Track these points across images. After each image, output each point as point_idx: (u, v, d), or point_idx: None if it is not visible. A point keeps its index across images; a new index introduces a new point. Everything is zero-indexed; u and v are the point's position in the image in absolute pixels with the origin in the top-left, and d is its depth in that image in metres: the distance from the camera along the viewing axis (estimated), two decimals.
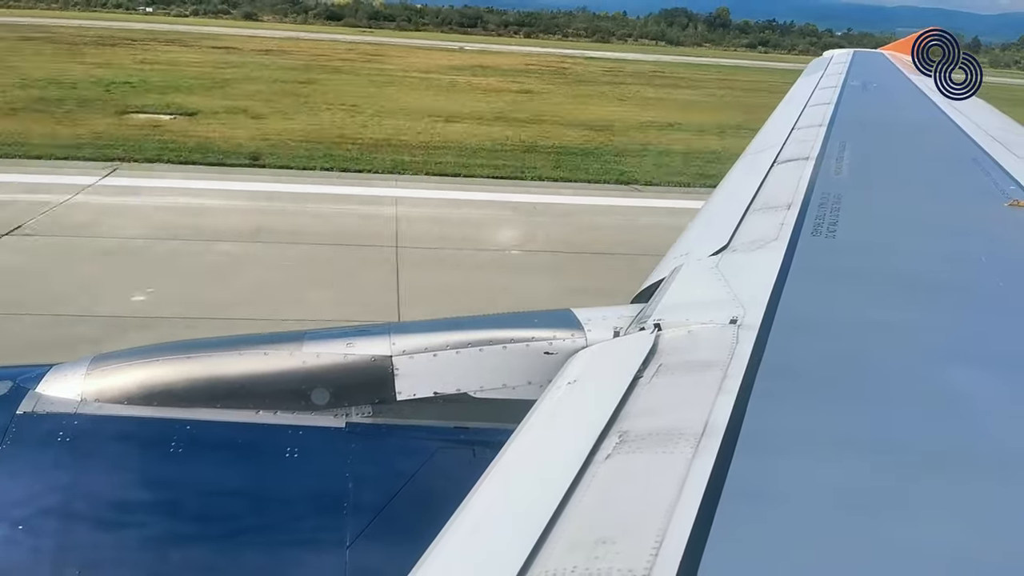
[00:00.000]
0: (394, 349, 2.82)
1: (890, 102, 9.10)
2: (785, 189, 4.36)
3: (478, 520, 1.90)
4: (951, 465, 1.94)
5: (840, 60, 11.99)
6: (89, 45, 49.00)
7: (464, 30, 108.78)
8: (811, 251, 3.31)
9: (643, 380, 2.31)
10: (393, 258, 13.73)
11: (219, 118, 26.68)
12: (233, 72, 40.05)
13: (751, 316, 2.61)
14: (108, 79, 33.56)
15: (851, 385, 2.29)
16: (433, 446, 2.79)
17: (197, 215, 15.75)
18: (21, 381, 2.77)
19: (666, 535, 1.59)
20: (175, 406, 2.72)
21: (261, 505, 2.64)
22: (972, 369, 2.41)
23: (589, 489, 1.81)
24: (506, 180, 20.78)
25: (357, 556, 2.55)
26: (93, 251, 13.35)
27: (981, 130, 6.52)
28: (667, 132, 30.54)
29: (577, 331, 2.87)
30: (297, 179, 19.40)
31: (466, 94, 38.46)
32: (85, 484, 2.57)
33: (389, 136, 25.68)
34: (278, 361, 2.81)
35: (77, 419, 2.66)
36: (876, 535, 1.63)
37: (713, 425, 1.96)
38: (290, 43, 63.37)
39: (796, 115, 7.06)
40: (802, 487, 1.79)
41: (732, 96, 45.15)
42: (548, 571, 1.56)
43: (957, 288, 3.13)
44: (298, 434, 2.73)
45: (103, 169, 18.79)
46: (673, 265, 3.45)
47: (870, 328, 2.67)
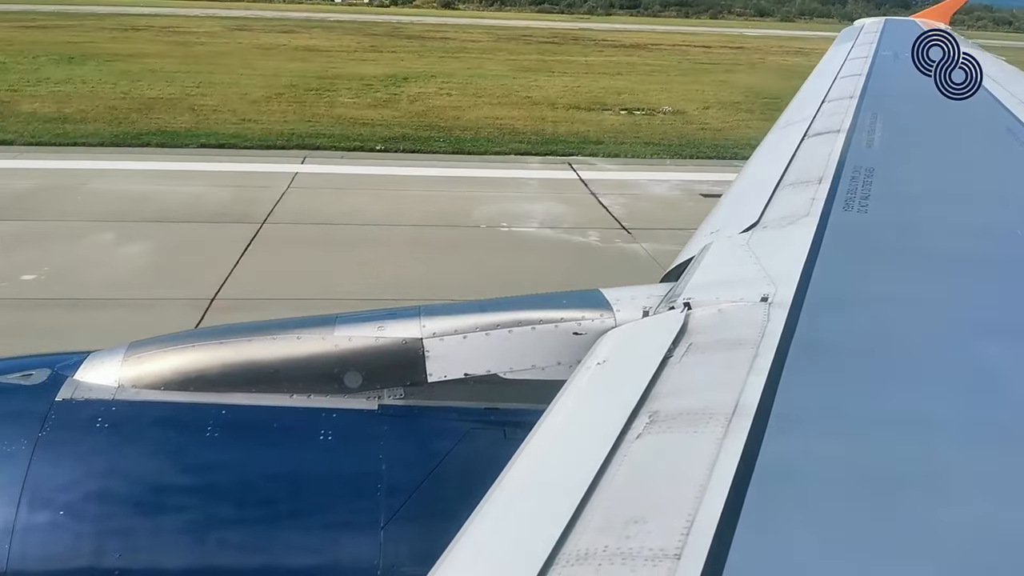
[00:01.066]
0: (424, 332, 2.84)
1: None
2: (816, 163, 4.31)
3: (510, 500, 1.92)
4: (984, 442, 1.92)
5: (871, 29, 11.77)
6: (555, 44, 46.35)
7: (628, 12, 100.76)
8: (843, 227, 3.27)
9: (673, 359, 2.31)
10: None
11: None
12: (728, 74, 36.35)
13: (782, 294, 2.59)
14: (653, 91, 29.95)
15: (883, 363, 2.28)
16: (464, 427, 2.81)
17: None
18: (59, 368, 2.82)
19: (697, 515, 1.59)
20: (210, 391, 2.76)
21: (297, 487, 2.68)
22: (1005, 345, 2.38)
23: (620, 469, 1.82)
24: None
25: (392, 536, 2.58)
26: None
27: (1016, 99, 6.39)
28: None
29: (606, 311, 2.87)
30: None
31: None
32: (124, 469, 2.62)
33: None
34: (311, 345, 2.84)
35: (115, 405, 2.71)
36: (908, 514, 1.62)
37: (744, 404, 1.96)
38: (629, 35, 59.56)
39: (827, 87, 6.96)
40: (833, 466, 1.78)
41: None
42: (580, 550, 1.58)
43: (991, 263, 3.09)
44: (332, 417, 2.76)
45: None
46: (703, 243, 3.43)
47: (902, 305, 2.65)
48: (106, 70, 28.77)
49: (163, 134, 19.70)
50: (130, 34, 42.77)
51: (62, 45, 35.18)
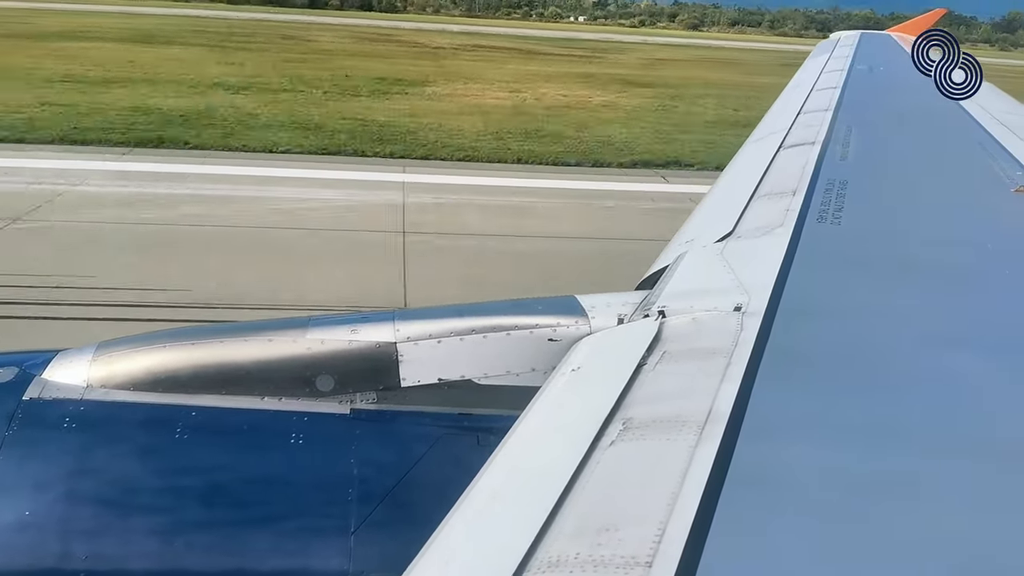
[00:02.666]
0: (398, 336, 2.83)
1: (897, 86, 9.05)
2: (791, 175, 4.34)
3: (482, 507, 1.91)
4: (954, 452, 1.94)
5: (847, 42, 11.91)
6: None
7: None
8: (816, 238, 3.30)
9: (647, 367, 2.32)
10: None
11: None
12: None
13: (756, 303, 2.60)
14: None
15: (855, 373, 2.29)
16: (437, 432, 2.80)
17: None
18: (27, 367, 2.78)
19: (669, 523, 1.59)
20: (181, 392, 2.73)
21: (266, 491, 2.65)
22: (976, 356, 2.40)
23: (593, 476, 1.82)
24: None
25: (362, 542, 2.56)
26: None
27: (988, 114, 6.48)
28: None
29: (581, 318, 2.87)
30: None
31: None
32: (91, 470, 2.58)
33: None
34: (283, 348, 2.82)
35: (83, 405, 2.68)
36: (879, 523, 1.63)
37: (717, 413, 1.96)
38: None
39: (802, 99, 7.03)
40: (805, 475, 1.79)
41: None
42: (551, 558, 1.57)
43: (962, 275, 3.12)
44: (303, 420, 2.74)
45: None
46: (678, 252, 3.45)
47: (875, 316, 2.67)
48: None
49: None
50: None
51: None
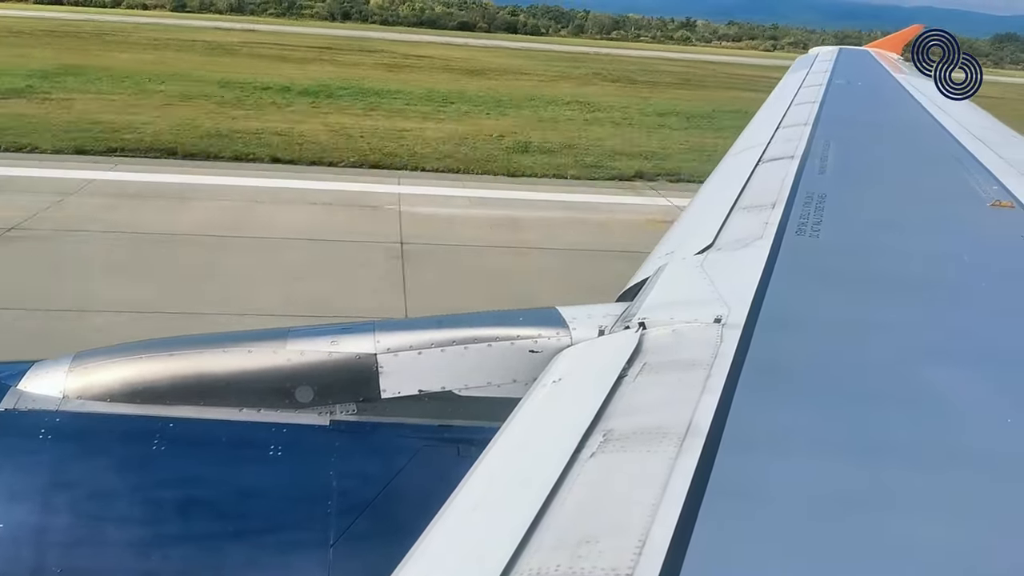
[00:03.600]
0: (379, 347, 2.82)
1: (875, 101, 9.15)
2: (770, 188, 4.37)
3: (462, 519, 1.91)
4: (933, 464, 1.96)
5: (825, 58, 12.04)
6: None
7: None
8: (795, 250, 3.33)
9: (628, 379, 2.32)
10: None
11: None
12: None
13: (735, 315, 2.62)
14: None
15: (834, 384, 2.31)
16: (418, 444, 2.79)
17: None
18: (2, 378, 2.75)
19: (649, 534, 1.59)
20: (158, 404, 2.71)
21: (244, 503, 2.63)
22: (954, 368, 2.43)
23: (573, 488, 1.82)
24: None
25: (341, 554, 2.55)
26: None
27: (964, 129, 6.56)
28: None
29: (562, 329, 2.87)
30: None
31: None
32: (67, 482, 2.55)
33: None
34: (262, 359, 2.80)
35: (59, 416, 2.65)
36: (859, 534, 1.64)
37: (697, 424, 1.97)
38: None
39: (781, 113, 7.09)
40: (785, 486, 1.80)
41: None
42: (532, 570, 1.57)
43: (940, 287, 3.16)
44: (282, 432, 2.72)
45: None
46: (658, 264, 3.46)
47: (853, 327, 2.69)
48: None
49: None
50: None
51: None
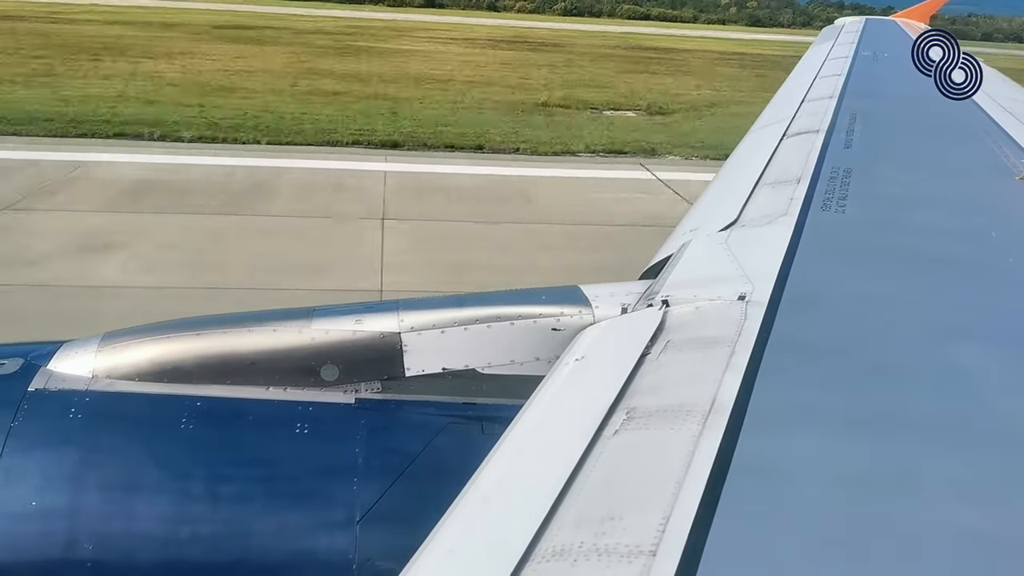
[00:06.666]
0: (402, 326, 2.84)
1: (901, 73, 9.00)
2: (795, 163, 4.33)
3: (487, 496, 1.92)
4: (958, 442, 1.94)
5: (851, 29, 11.83)
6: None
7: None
8: (820, 226, 3.30)
9: (651, 357, 2.32)
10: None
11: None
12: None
13: (759, 292, 2.60)
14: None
15: (859, 362, 2.29)
16: (442, 422, 2.81)
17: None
18: (32, 358, 2.79)
19: (673, 512, 1.60)
20: (185, 383, 2.74)
21: (272, 481, 2.66)
22: (980, 346, 2.40)
23: (596, 465, 1.82)
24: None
25: (367, 531, 2.57)
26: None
27: (993, 101, 6.45)
28: None
29: (585, 307, 2.87)
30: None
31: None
32: (97, 460, 2.59)
33: None
34: (287, 338, 2.83)
35: (88, 396, 2.69)
36: (882, 512, 1.64)
37: (720, 402, 1.97)
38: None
39: (807, 87, 6.99)
40: (809, 464, 1.79)
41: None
42: (556, 546, 1.58)
43: (967, 264, 3.12)
44: (308, 410, 2.75)
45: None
46: (681, 241, 3.44)
47: (878, 305, 2.67)
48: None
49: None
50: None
51: None
